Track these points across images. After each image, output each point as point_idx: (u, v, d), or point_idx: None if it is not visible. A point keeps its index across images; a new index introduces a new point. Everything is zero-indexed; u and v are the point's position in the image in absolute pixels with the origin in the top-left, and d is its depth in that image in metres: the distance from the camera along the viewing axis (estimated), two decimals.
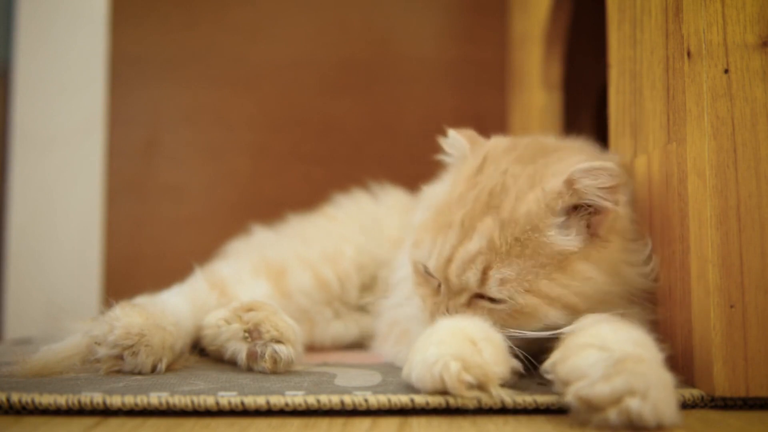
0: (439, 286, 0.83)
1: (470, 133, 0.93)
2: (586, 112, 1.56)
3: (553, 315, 0.77)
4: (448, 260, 0.80)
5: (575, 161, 0.81)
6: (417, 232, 0.87)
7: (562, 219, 0.78)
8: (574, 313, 0.76)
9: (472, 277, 0.78)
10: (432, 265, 0.82)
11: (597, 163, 0.77)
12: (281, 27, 1.78)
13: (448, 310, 0.80)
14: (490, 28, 1.81)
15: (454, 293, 0.81)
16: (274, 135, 1.77)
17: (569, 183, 0.78)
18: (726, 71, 0.77)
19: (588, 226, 0.80)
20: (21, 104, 1.73)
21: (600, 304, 0.78)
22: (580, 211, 0.79)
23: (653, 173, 0.88)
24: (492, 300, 0.78)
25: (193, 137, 1.76)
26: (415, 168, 1.20)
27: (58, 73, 1.75)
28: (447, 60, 1.81)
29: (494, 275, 0.77)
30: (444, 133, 0.93)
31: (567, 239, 0.78)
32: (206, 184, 1.75)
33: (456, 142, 0.92)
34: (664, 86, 0.85)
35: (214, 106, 1.76)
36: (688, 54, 0.79)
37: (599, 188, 0.77)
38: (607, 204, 0.78)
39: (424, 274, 0.85)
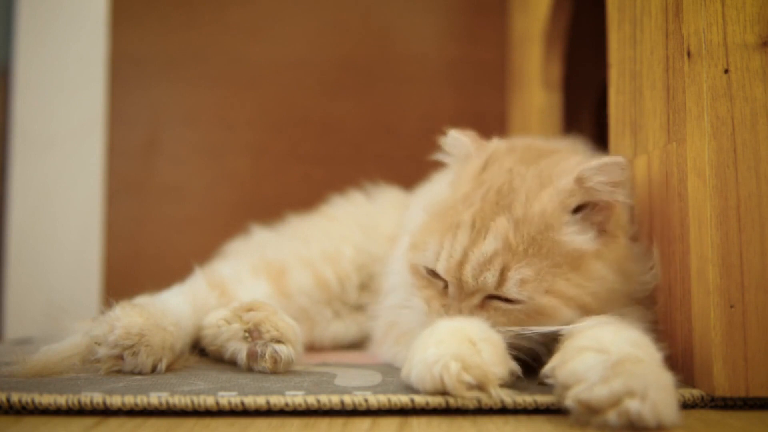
0: (445, 287, 0.82)
1: (472, 133, 0.92)
2: (586, 112, 1.56)
3: (568, 315, 0.77)
4: (461, 262, 0.79)
5: (578, 160, 0.82)
6: (417, 234, 0.86)
7: (574, 217, 0.79)
8: (586, 312, 0.77)
9: (490, 278, 0.77)
10: (442, 267, 0.80)
11: (608, 159, 0.78)
12: (281, 27, 1.78)
13: (460, 312, 0.79)
14: (490, 28, 1.81)
15: (467, 294, 0.79)
16: (274, 135, 1.77)
17: (580, 181, 0.79)
18: (726, 71, 0.77)
19: (596, 224, 0.80)
20: (21, 104, 1.73)
21: (608, 303, 0.79)
22: (589, 209, 0.80)
23: (653, 173, 0.88)
24: (507, 301, 0.78)
25: (193, 137, 1.76)
26: (415, 168, 1.20)
27: (58, 73, 1.75)
28: (447, 60, 1.81)
29: (513, 276, 0.76)
30: (444, 134, 0.92)
31: (581, 238, 0.79)
32: (206, 184, 1.75)
33: (458, 141, 0.91)
34: (664, 86, 0.85)
35: (214, 106, 1.76)
36: (688, 54, 0.79)
37: (609, 183, 0.78)
38: (617, 198, 0.80)
39: (426, 276, 0.84)
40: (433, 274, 0.83)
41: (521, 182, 0.81)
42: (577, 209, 0.80)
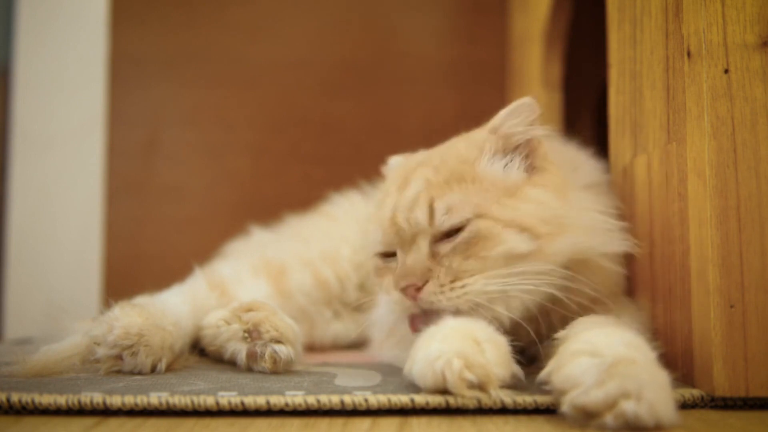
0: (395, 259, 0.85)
1: (407, 154, 0.99)
2: (586, 112, 1.56)
3: (513, 238, 0.79)
4: (393, 214, 0.83)
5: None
6: (362, 238, 0.93)
7: (493, 157, 0.84)
8: (536, 237, 0.79)
9: (420, 214, 0.81)
10: (380, 231, 0.85)
11: (515, 104, 0.85)
12: (281, 27, 1.78)
13: (413, 270, 0.80)
14: (490, 28, 1.81)
15: (409, 244, 0.82)
16: (274, 135, 1.77)
17: (494, 129, 0.85)
18: (726, 71, 0.77)
19: (524, 161, 0.85)
20: (21, 104, 1.73)
21: (564, 230, 0.81)
22: (512, 152, 0.85)
23: (653, 173, 0.88)
24: (448, 235, 0.80)
25: (193, 137, 1.76)
26: None
27: (58, 73, 1.75)
28: (447, 60, 1.81)
29: (440, 206, 0.80)
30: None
31: (508, 168, 0.84)
32: (206, 184, 1.75)
33: (391, 162, 1.01)
34: (664, 86, 0.85)
35: (214, 106, 1.76)
36: (688, 54, 0.79)
37: (524, 124, 0.85)
38: (535, 134, 0.85)
39: (383, 265, 0.87)
40: (384, 255, 0.87)
41: (437, 151, 0.89)
42: (501, 154, 0.85)
